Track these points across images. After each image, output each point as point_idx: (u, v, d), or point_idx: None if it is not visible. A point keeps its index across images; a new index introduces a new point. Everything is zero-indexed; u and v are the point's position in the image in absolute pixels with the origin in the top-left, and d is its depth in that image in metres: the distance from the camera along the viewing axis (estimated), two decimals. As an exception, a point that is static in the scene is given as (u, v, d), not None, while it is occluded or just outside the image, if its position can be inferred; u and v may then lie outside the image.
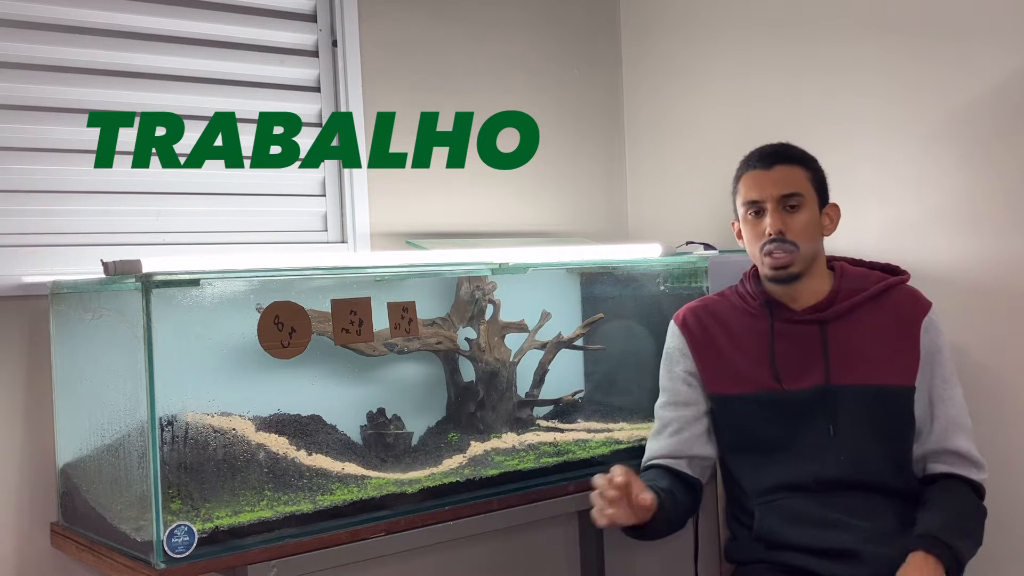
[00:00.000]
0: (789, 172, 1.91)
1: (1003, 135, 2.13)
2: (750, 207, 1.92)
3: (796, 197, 1.89)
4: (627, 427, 2.30)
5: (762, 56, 2.58)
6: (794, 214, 1.89)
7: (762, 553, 1.91)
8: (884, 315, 1.92)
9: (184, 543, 1.64)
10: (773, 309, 1.96)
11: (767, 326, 1.95)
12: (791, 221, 1.89)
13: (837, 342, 1.91)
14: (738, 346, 1.97)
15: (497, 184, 2.67)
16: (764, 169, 1.92)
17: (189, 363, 1.83)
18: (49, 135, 2.06)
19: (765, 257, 1.91)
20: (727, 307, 2.03)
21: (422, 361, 2.25)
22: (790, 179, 1.90)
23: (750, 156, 1.97)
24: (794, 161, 1.93)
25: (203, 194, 2.24)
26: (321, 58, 2.41)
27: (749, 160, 1.96)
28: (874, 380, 1.88)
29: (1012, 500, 2.13)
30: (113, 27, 2.13)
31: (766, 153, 1.94)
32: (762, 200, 1.90)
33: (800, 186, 1.90)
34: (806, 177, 1.92)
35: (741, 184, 1.96)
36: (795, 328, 1.94)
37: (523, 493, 2.02)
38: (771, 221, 1.89)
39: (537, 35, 2.78)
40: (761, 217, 1.91)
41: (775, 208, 1.89)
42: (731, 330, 1.99)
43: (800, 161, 1.94)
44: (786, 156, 1.93)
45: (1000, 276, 2.14)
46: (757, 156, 1.95)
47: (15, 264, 1.99)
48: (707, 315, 2.03)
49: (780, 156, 1.93)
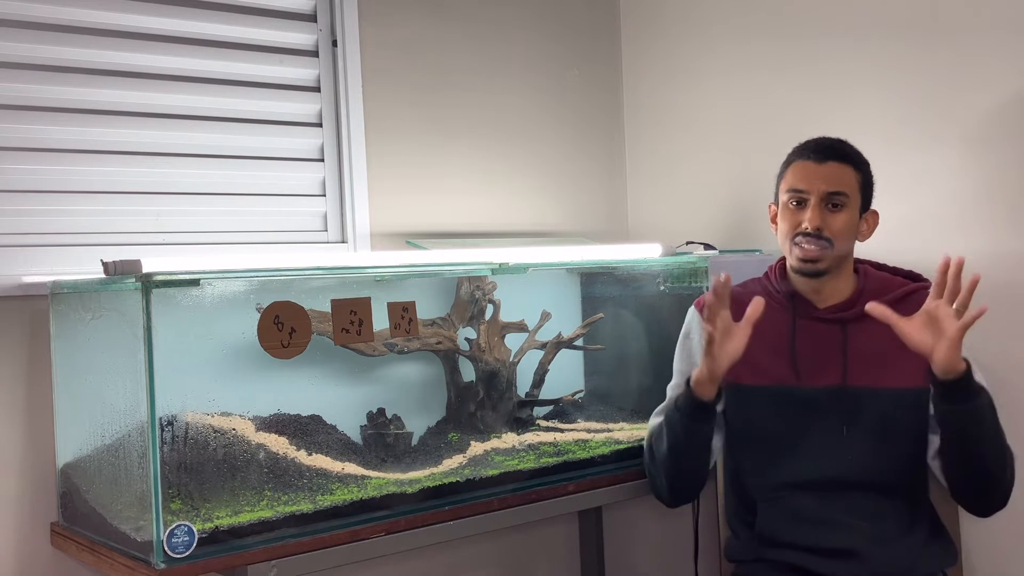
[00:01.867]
0: (840, 170, 1.90)
1: (1006, 134, 2.13)
2: (794, 195, 1.91)
3: (841, 196, 1.88)
4: (627, 427, 2.30)
5: (762, 54, 2.58)
6: (836, 212, 1.88)
7: (762, 552, 1.91)
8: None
9: (184, 543, 1.64)
10: (797, 305, 1.96)
11: (789, 320, 1.95)
12: (831, 219, 1.88)
13: (857, 343, 1.91)
14: (758, 337, 1.95)
15: (497, 184, 2.68)
16: (816, 162, 1.90)
17: (189, 363, 1.83)
18: (49, 135, 2.06)
19: (795, 247, 1.90)
20: (750, 297, 2.02)
21: (422, 361, 2.25)
22: (840, 177, 1.89)
23: (805, 145, 1.95)
24: (847, 160, 1.91)
25: (203, 194, 2.24)
26: (321, 58, 2.41)
27: (804, 149, 1.95)
28: (891, 383, 1.88)
29: (1012, 500, 2.12)
30: (113, 27, 2.13)
31: (823, 146, 1.93)
32: (808, 191, 1.89)
33: (848, 186, 1.89)
34: (855, 179, 1.91)
35: (789, 171, 1.94)
36: (817, 326, 1.93)
37: (523, 493, 2.02)
38: (811, 216, 1.88)
39: (537, 35, 2.78)
40: (803, 208, 1.90)
41: (818, 203, 1.88)
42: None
43: (853, 161, 1.92)
44: (841, 153, 1.92)
45: (1002, 275, 2.14)
46: (812, 147, 1.93)
47: (15, 264, 1.99)
48: (729, 302, 2.02)
49: (835, 152, 1.92)
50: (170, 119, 2.20)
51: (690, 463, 1.96)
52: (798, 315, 1.95)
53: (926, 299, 1.91)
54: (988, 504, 1.85)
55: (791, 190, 1.92)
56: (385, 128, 2.48)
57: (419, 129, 2.54)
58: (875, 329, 1.83)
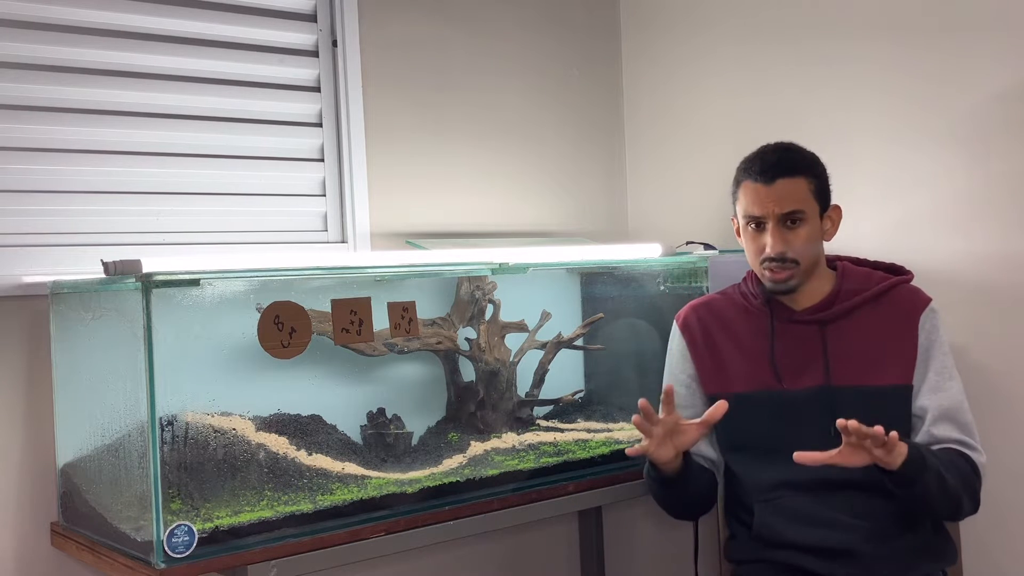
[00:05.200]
0: (791, 187, 1.86)
1: (1006, 133, 2.13)
2: (750, 220, 1.90)
3: (797, 213, 1.86)
4: (627, 427, 2.30)
5: (762, 53, 2.58)
6: (795, 229, 1.87)
7: (761, 552, 1.91)
8: (884, 315, 1.91)
9: (184, 543, 1.64)
10: (774, 309, 1.96)
11: (767, 325, 1.95)
12: (792, 237, 1.87)
13: (837, 342, 1.91)
14: (739, 345, 1.97)
15: (497, 184, 2.68)
16: (765, 184, 1.87)
17: (189, 363, 1.83)
18: (49, 135, 2.06)
19: (765, 271, 1.91)
20: (729, 305, 2.03)
21: (422, 361, 2.25)
22: (792, 195, 1.86)
23: (751, 163, 1.91)
24: (796, 172, 1.88)
25: (203, 194, 2.24)
26: (321, 58, 2.41)
27: (750, 168, 1.91)
28: (874, 381, 1.88)
29: (1012, 500, 2.12)
30: (113, 27, 2.13)
31: (768, 165, 1.88)
32: (763, 216, 1.87)
33: (801, 202, 1.87)
34: (808, 189, 1.88)
35: (741, 192, 1.92)
36: (795, 328, 1.94)
37: (523, 493, 2.02)
38: (771, 242, 1.87)
39: (537, 34, 2.78)
40: (761, 231, 1.89)
41: (776, 225, 1.87)
42: (732, 329, 1.99)
43: (802, 170, 1.88)
44: (788, 167, 1.88)
45: (1001, 275, 2.14)
46: (758, 167, 1.89)
47: (15, 264, 1.99)
48: (708, 314, 2.03)
49: (781, 168, 1.87)
50: (170, 119, 2.20)
51: (687, 500, 1.98)
52: (776, 319, 1.95)
53: (906, 293, 1.91)
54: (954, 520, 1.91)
55: (746, 215, 1.90)
56: (385, 128, 2.48)
57: (419, 129, 2.54)
58: (854, 327, 1.82)
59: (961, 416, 1.85)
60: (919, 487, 1.71)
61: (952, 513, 1.83)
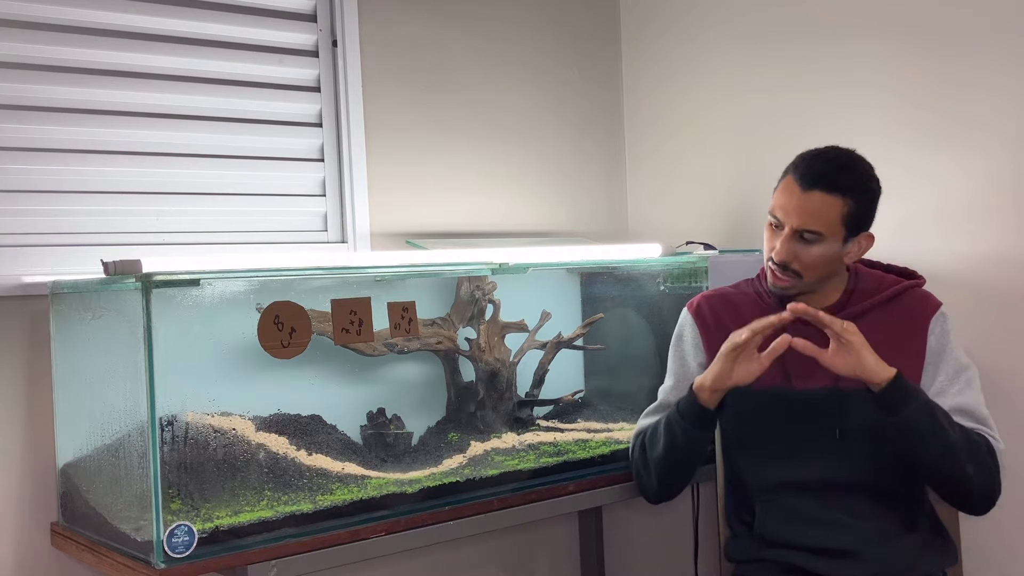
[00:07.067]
0: (822, 203, 1.79)
1: (1007, 134, 2.13)
2: (773, 217, 1.87)
3: (814, 234, 1.82)
4: (627, 427, 2.30)
5: (762, 54, 2.58)
6: (808, 246, 1.83)
7: (762, 552, 1.91)
8: (895, 318, 1.90)
9: (184, 543, 1.64)
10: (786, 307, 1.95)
11: None
12: (802, 252, 1.83)
13: None
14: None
15: (497, 184, 2.68)
16: (802, 188, 1.80)
17: (189, 363, 1.83)
18: (49, 135, 2.06)
19: (769, 270, 1.90)
20: (742, 299, 2.01)
21: (422, 361, 2.25)
22: (818, 213, 1.80)
23: (801, 161, 1.85)
24: (836, 189, 1.79)
25: (203, 194, 2.24)
26: (321, 58, 2.41)
27: (798, 165, 1.84)
28: None
29: (1012, 500, 2.12)
30: (113, 27, 2.14)
31: (811, 171, 1.81)
32: (783, 221, 1.84)
33: (824, 223, 1.80)
34: (840, 211, 1.80)
35: (780, 185, 1.87)
36: (806, 328, 1.92)
37: (523, 493, 2.02)
38: (780, 249, 1.84)
39: (537, 34, 2.78)
40: (777, 232, 1.86)
41: (790, 235, 1.83)
42: (744, 323, 1.97)
43: (844, 190, 1.80)
44: (831, 182, 1.80)
45: (1004, 276, 2.14)
46: (804, 168, 1.82)
47: (15, 264, 1.99)
48: (722, 306, 2.02)
49: (825, 180, 1.80)
50: (170, 119, 2.20)
51: (686, 465, 1.97)
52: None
53: (917, 298, 1.91)
54: (970, 504, 1.82)
55: (772, 211, 1.87)
56: (385, 128, 2.48)
57: (419, 129, 2.54)
58: (865, 329, 1.82)
59: (977, 411, 1.83)
60: (906, 415, 1.70)
61: (958, 480, 1.75)
